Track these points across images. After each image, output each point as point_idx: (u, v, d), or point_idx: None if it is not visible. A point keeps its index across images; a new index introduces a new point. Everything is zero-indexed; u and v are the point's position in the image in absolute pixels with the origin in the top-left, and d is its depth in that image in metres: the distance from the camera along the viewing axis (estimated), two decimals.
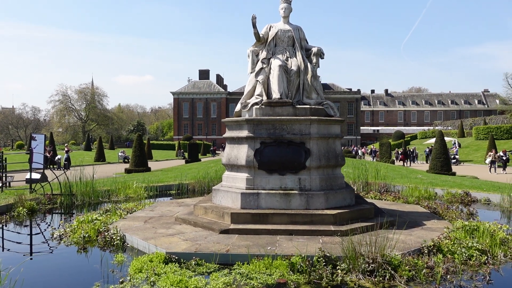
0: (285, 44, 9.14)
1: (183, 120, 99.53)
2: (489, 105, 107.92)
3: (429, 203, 10.81)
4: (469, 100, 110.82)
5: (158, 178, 17.41)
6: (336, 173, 8.46)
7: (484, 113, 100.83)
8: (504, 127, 49.87)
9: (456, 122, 78.35)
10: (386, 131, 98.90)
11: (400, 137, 73.77)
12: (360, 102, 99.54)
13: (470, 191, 13.01)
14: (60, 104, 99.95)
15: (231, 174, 8.54)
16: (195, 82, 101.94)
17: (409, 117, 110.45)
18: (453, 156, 35.72)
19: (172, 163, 39.63)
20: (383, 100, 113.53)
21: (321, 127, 8.19)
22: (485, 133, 50.92)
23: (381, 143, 40.85)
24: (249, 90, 9.02)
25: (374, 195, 12.38)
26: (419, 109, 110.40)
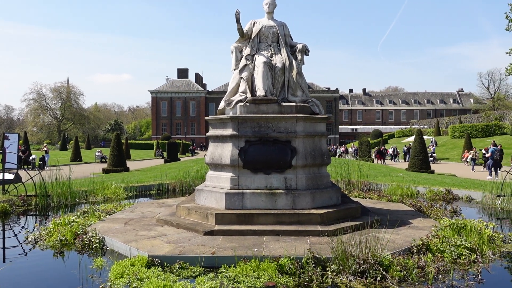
0: (270, 40, 8.95)
1: (161, 119, 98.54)
2: (463, 104, 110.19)
3: (413, 201, 10.79)
4: (445, 99, 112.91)
5: (138, 178, 17.02)
6: (322, 172, 8.31)
7: (459, 112, 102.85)
8: (479, 126, 50.84)
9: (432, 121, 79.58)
10: (364, 130, 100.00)
11: (378, 136, 74.60)
12: (339, 101, 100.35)
13: (452, 189, 13.08)
14: (35, 102, 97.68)
15: (215, 173, 8.31)
16: (173, 81, 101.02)
17: (387, 116, 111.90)
18: (431, 154, 36.18)
19: (151, 162, 39.08)
20: (361, 99, 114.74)
21: (307, 125, 8.03)
22: (460, 132, 51.82)
23: (360, 142, 41.11)
24: (233, 87, 8.80)
25: (358, 193, 12.31)
26: (396, 108, 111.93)
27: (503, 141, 41.35)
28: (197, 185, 13.04)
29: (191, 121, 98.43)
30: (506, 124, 49.75)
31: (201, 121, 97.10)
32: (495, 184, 11.99)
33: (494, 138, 44.29)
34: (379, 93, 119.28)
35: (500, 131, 49.20)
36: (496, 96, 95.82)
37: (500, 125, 50.11)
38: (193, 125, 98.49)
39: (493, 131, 49.47)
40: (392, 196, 11.70)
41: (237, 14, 8.44)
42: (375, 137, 74.53)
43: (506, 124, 50.08)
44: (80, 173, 20.51)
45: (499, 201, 11.05)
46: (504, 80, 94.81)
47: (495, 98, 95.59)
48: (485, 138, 46.53)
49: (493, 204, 11.20)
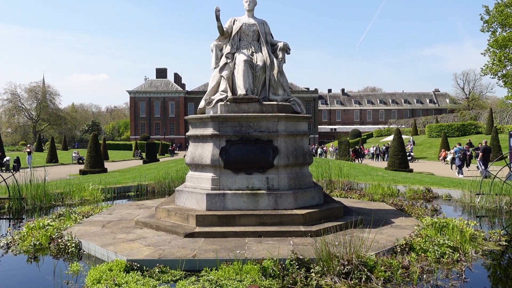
0: (250, 38, 8.82)
1: (140, 120, 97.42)
2: (439, 104, 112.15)
3: (394, 200, 10.80)
4: (421, 99, 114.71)
5: (116, 179, 16.67)
6: (304, 172, 8.22)
7: (435, 111, 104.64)
8: (455, 125, 51.78)
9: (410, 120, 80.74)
10: (343, 130, 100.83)
11: (357, 136, 75.37)
12: (318, 101, 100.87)
13: (431, 187, 13.17)
14: (9, 103, 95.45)
15: (196, 174, 8.13)
16: (152, 81, 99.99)
17: (365, 116, 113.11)
18: (409, 153, 36.62)
19: (130, 163, 38.51)
20: (340, 99, 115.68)
21: (289, 124, 7.93)
22: (437, 131, 52.69)
23: (339, 142, 41.35)
24: (213, 86, 8.64)
25: (339, 193, 12.28)
26: (374, 108, 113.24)
27: (478, 139, 42.13)
28: (177, 186, 12.82)
29: (170, 121, 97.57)
30: (481, 123, 50.83)
31: (180, 121, 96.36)
32: (474, 183, 12.11)
33: (470, 137, 45.17)
34: (357, 93, 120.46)
35: (475, 130, 50.22)
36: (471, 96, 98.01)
37: (475, 124, 51.15)
38: (172, 125, 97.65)
39: (468, 130, 50.46)
40: (374, 195, 11.70)
41: (217, 12, 8.28)
42: (354, 137, 75.26)
43: (481, 123, 51.16)
44: (56, 175, 20.00)
45: (478, 199, 11.16)
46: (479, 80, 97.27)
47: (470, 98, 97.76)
48: (461, 137, 47.37)
49: (472, 203, 11.30)
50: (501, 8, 41.65)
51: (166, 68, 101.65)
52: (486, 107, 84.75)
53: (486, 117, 49.39)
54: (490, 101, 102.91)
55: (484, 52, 44.22)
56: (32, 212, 10.32)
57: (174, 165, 24.66)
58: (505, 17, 41.44)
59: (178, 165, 23.65)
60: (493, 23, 42.96)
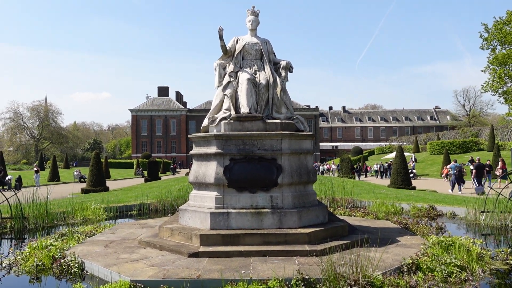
0: (253, 57, 8.88)
1: (141, 138, 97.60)
2: (440, 121, 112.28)
3: (399, 218, 10.71)
4: (422, 116, 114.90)
5: (118, 198, 16.60)
6: (308, 190, 8.18)
7: (436, 128, 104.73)
8: (456, 142, 51.73)
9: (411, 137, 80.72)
10: (344, 147, 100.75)
11: (359, 153, 75.17)
12: (319, 118, 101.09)
13: (435, 205, 13.09)
14: (11, 122, 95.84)
15: (199, 192, 8.09)
16: (154, 99, 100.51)
17: (366, 133, 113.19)
18: (411, 170, 36.51)
19: (131, 182, 38.43)
20: (341, 116, 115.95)
21: (293, 142, 7.92)
22: (439, 148, 52.62)
23: (341, 159, 41.31)
24: (217, 104, 8.66)
25: (343, 211, 12.20)
26: (375, 125, 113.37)
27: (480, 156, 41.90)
28: (179, 205, 12.77)
29: (171, 139, 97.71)
30: (483, 140, 50.78)
31: (182, 139, 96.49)
32: (478, 200, 12.03)
33: (471, 154, 45.06)
34: (358, 111, 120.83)
35: (477, 147, 50.14)
36: (472, 113, 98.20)
37: (477, 141, 51.10)
38: (174, 143, 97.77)
39: (470, 147, 50.38)
40: (378, 213, 11.62)
41: (220, 31, 8.38)
42: (355, 154, 75.05)
43: (482, 140, 51.11)
44: (58, 194, 19.93)
45: (483, 217, 11.07)
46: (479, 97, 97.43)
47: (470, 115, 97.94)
48: (463, 154, 47.30)
49: (477, 220, 11.21)
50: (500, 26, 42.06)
51: (167, 87, 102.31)
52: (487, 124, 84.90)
53: (488, 134, 49.36)
54: (491, 118, 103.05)
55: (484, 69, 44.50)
56: (34, 232, 10.26)
57: (176, 183, 24.59)
58: (504, 35, 41.81)
59: (181, 183, 23.58)
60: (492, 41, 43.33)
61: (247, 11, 9.11)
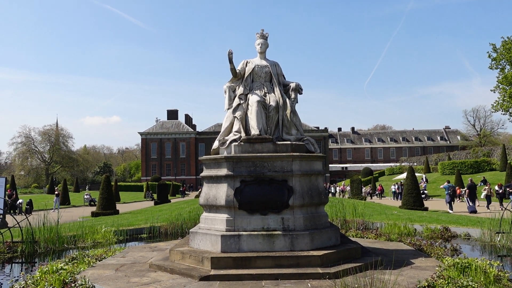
0: (263, 79, 8.96)
1: (151, 161, 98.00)
2: (451, 141, 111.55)
3: (412, 240, 10.55)
4: (432, 137, 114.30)
5: (128, 221, 16.59)
6: (320, 212, 8.11)
7: (447, 148, 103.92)
8: (468, 162, 51.26)
9: (421, 158, 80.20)
10: (354, 168, 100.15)
11: (369, 174, 74.66)
12: (328, 140, 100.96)
13: (449, 226, 12.89)
14: (23, 146, 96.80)
15: (210, 215, 8.06)
16: (163, 122, 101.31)
17: (376, 154, 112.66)
18: (422, 191, 36.11)
19: (141, 205, 38.44)
20: (350, 137, 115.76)
21: (303, 164, 7.90)
22: (450, 168, 52.12)
23: (352, 180, 41.08)
24: (227, 126, 8.70)
25: (355, 233, 12.07)
26: (385, 146, 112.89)
27: (492, 176, 41.60)
28: (189, 227, 12.72)
29: (181, 162, 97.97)
30: (495, 160, 50.26)
31: (191, 162, 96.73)
32: (492, 221, 11.83)
33: (483, 174, 44.58)
34: (367, 132, 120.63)
35: (489, 167, 49.61)
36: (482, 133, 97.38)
37: (489, 161, 50.60)
38: (183, 166, 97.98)
39: (482, 167, 49.86)
40: (390, 235, 11.47)
41: (229, 54, 8.47)
42: (365, 175, 74.53)
43: (494, 160, 50.60)
44: (68, 217, 19.98)
45: (499, 238, 10.86)
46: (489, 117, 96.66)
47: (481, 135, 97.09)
48: (475, 174, 46.78)
49: (492, 241, 11.00)
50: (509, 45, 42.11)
51: (177, 110, 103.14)
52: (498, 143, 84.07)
53: (500, 154, 48.87)
54: (502, 137, 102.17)
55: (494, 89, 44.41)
56: (45, 256, 10.24)
57: (186, 205, 24.54)
58: None
59: (190, 205, 23.53)
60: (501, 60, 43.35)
61: (256, 34, 9.23)
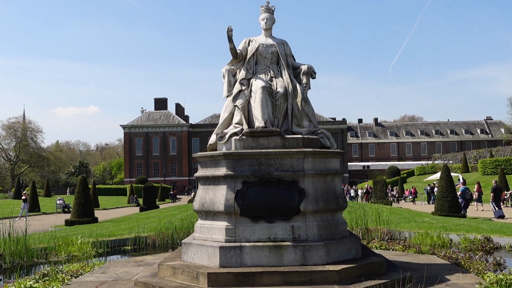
0: (268, 61, 8.95)
1: (136, 159, 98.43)
2: (493, 135, 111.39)
3: (447, 252, 10.56)
4: (471, 130, 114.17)
5: (109, 231, 16.69)
6: (337, 219, 8.13)
7: (489, 143, 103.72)
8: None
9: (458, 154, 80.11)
10: (378, 167, 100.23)
11: (395, 174, 74.74)
12: (347, 133, 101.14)
13: (491, 236, 12.89)
14: None
15: (206, 223, 8.09)
16: (150, 113, 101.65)
17: (404, 150, 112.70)
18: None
19: (124, 211, 38.63)
20: (373, 130, 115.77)
21: (317, 162, 7.90)
22: (492, 167, 52.02)
23: (375, 181, 41.11)
24: (226, 117, 8.71)
25: (379, 244, 12.10)
26: (414, 141, 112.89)
27: None
28: (182, 238, 12.77)
29: (171, 161, 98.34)
30: None
31: (183, 160, 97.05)
32: None
33: None
34: (393, 124, 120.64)
35: None
36: None
37: None
38: (174, 165, 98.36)
39: None
40: (421, 247, 11.48)
41: (229, 31, 8.47)
42: (391, 175, 74.66)
43: None
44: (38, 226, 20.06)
45: None
46: None
47: None
48: None
49: None
50: None
51: (166, 98, 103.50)
52: None
53: None
54: None
55: None
56: (11, 272, 10.32)
57: (178, 212, 24.62)
58: None
59: (183, 212, 23.60)
60: None
61: (260, 8, 9.22)
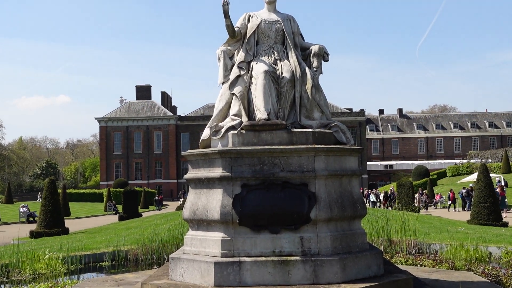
0: (272, 41, 8.96)
1: (114, 158, 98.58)
2: None
3: (486, 268, 10.62)
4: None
5: (82, 244, 16.77)
6: (355, 228, 8.16)
7: None
8: None
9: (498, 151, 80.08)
10: (402, 167, 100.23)
11: (424, 175, 74.59)
12: (366, 127, 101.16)
13: None
14: None
15: (199, 234, 8.11)
16: (130, 103, 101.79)
17: (433, 146, 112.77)
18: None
19: (101, 220, 38.72)
20: (397, 123, 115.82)
21: (331, 160, 7.91)
22: None
23: (399, 184, 41.13)
24: (221, 108, 8.73)
25: (405, 258, 12.15)
26: (446, 135, 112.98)
27: None
28: (169, 252, 12.80)
29: (156, 160, 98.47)
30: None
31: (171, 159, 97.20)
32: None
33: None
34: (421, 115, 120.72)
35: None
36: None
37: None
38: (159, 165, 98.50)
39: None
40: (455, 261, 11.53)
41: (225, 5, 8.47)
42: (418, 177, 74.53)
43: None
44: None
45: None
46: None
47: None
48: None
49: None
50: None
51: (150, 86, 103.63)
52: None
53: None
54: None
55: None
56: None
57: (164, 221, 24.70)
58: None
59: (170, 221, 23.68)
60: None
61: None
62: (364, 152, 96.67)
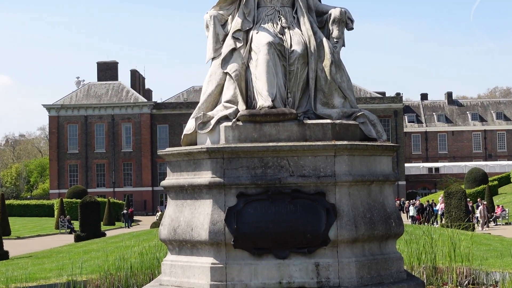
0: (278, 2, 9.00)
1: (68, 159, 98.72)
2: None
3: None
4: None
5: (27, 273, 16.80)
6: (388, 252, 8.22)
7: None
8: None
9: None
10: (452, 170, 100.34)
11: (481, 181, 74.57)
12: (403, 117, 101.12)
13: None
14: None
15: (180, 259, 8.17)
16: (90, 85, 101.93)
17: (494, 142, 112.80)
18: None
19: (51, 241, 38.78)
20: (445, 112, 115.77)
21: (357, 162, 7.94)
22: None
23: (448, 193, 41.15)
24: (211, 92, 8.76)
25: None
26: (510, 128, 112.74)
27: None
28: (142, 284, 12.82)
29: (124, 161, 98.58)
30: None
31: (144, 160, 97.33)
32: None
33: None
34: (477, 101, 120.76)
35: None
36: None
37: None
38: (129, 168, 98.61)
39: None
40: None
41: None
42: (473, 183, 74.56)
43: None
44: None
45: None
46: None
47: None
48: None
49: None
50: None
51: (116, 62, 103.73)
52: None
53: None
54: None
55: None
56: None
57: (136, 243, 24.68)
58: None
59: (143, 242, 23.68)
60: None
61: None
62: (401, 150, 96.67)
